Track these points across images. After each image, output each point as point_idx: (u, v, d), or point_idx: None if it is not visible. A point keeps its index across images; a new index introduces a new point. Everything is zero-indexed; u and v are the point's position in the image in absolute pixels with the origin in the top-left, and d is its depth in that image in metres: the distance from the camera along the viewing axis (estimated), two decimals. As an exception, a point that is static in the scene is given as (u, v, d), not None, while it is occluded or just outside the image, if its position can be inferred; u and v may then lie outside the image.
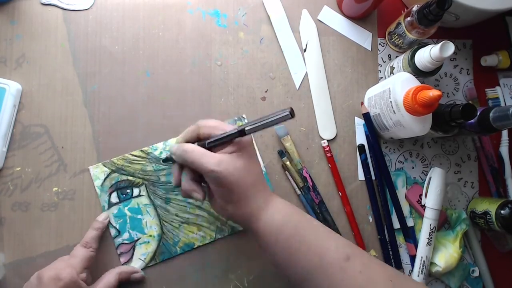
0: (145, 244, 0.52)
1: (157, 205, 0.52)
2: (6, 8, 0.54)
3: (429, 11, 0.47)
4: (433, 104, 0.46)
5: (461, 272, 0.56)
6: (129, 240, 0.52)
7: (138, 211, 0.52)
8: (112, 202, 0.52)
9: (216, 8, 0.57)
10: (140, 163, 0.53)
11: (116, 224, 0.52)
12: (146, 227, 0.52)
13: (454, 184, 0.58)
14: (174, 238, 0.52)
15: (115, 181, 0.52)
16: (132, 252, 0.51)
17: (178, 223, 0.52)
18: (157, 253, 0.52)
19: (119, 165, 0.52)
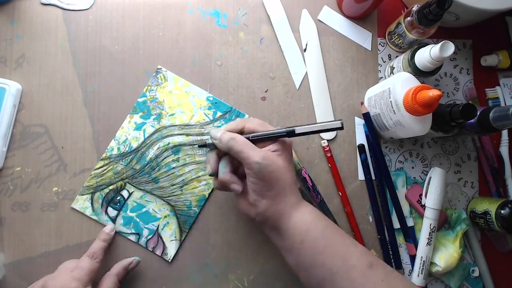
0: (167, 226, 0.53)
1: (150, 190, 0.53)
2: (6, 8, 0.54)
3: (429, 11, 0.47)
4: (433, 104, 0.46)
5: (461, 272, 0.56)
6: (151, 234, 0.52)
7: (140, 206, 0.53)
8: (113, 216, 0.52)
9: (216, 8, 0.57)
10: (109, 169, 0.53)
11: (130, 230, 0.52)
12: (156, 213, 0.53)
13: (454, 184, 0.58)
14: (185, 203, 0.53)
15: (101, 199, 0.52)
16: (161, 240, 0.52)
17: (179, 190, 0.53)
18: (182, 225, 0.53)
19: (93, 185, 0.53)
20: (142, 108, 0.54)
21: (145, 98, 0.54)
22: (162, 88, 0.54)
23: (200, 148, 0.53)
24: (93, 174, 0.53)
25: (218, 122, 0.54)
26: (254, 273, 0.54)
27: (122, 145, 0.53)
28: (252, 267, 0.54)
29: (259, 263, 0.54)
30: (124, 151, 0.53)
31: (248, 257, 0.54)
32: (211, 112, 0.54)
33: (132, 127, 0.54)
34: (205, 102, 0.54)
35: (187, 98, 0.54)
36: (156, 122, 0.54)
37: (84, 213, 0.52)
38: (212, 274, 0.54)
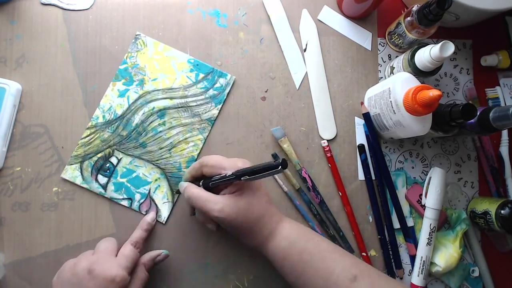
0: (158, 189, 0.53)
1: (139, 155, 0.54)
2: (6, 8, 0.54)
3: (429, 11, 0.47)
4: (433, 104, 0.46)
5: (461, 272, 0.56)
6: (143, 197, 0.53)
7: (130, 171, 0.53)
8: (103, 183, 0.53)
9: (216, 8, 0.57)
10: (95, 137, 0.53)
11: (122, 195, 0.53)
12: (147, 177, 0.53)
13: (454, 184, 0.58)
14: (175, 165, 0.54)
15: (91, 167, 0.53)
16: (154, 203, 0.53)
17: (167, 153, 0.54)
18: (173, 187, 0.54)
19: (81, 154, 0.53)
20: (124, 75, 0.54)
21: (126, 65, 0.54)
22: (142, 54, 0.55)
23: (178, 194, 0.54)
24: (80, 143, 0.53)
25: (201, 84, 0.55)
26: (254, 273, 0.54)
27: (107, 113, 0.54)
28: (252, 267, 0.54)
29: (259, 263, 0.54)
30: (110, 118, 0.54)
31: (248, 257, 0.54)
32: (193, 74, 0.55)
33: (116, 94, 0.54)
34: (187, 64, 0.55)
35: (168, 62, 0.55)
36: (139, 88, 0.54)
37: (75, 182, 0.52)
38: (212, 274, 0.54)
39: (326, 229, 0.55)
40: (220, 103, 0.55)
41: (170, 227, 0.54)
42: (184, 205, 0.54)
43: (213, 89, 0.55)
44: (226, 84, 0.55)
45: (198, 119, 0.55)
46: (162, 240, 0.53)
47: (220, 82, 0.55)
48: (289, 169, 0.55)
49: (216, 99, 0.55)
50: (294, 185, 0.55)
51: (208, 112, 0.55)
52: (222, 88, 0.55)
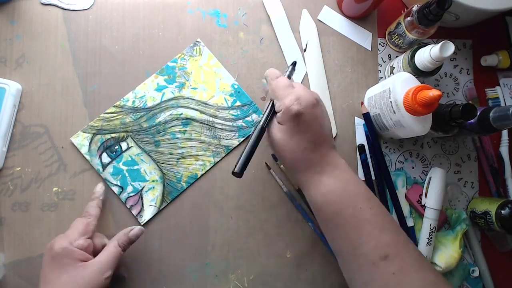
0: (151, 190, 0.53)
1: (148, 151, 0.53)
2: (6, 8, 0.54)
3: (429, 11, 0.47)
4: (433, 104, 0.46)
5: (461, 272, 0.56)
6: (134, 192, 0.53)
7: (133, 162, 0.53)
8: (105, 162, 0.53)
9: (216, 8, 0.57)
10: (117, 118, 0.53)
11: (116, 181, 0.53)
12: (146, 174, 0.53)
13: (454, 184, 0.58)
14: (176, 175, 0.53)
15: (101, 143, 0.53)
16: (141, 201, 0.53)
17: (175, 160, 0.54)
18: (165, 194, 0.53)
19: (98, 126, 0.53)
20: (169, 72, 0.55)
21: (175, 64, 0.55)
22: (194, 60, 0.55)
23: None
24: (101, 117, 0.53)
25: (234, 111, 0.55)
26: (254, 273, 0.54)
27: (138, 100, 0.54)
28: (252, 267, 0.54)
29: (259, 263, 0.54)
30: (138, 106, 0.54)
31: (248, 257, 0.54)
32: (231, 99, 0.55)
33: (153, 86, 0.54)
34: (229, 87, 0.55)
35: (214, 78, 0.55)
36: (177, 90, 0.54)
37: (80, 150, 0.52)
38: (212, 274, 0.54)
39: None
40: (243, 137, 0.55)
41: (170, 226, 0.54)
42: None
43: (243, 121, 0.55)
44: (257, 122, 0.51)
45: (216, 142, 0.54)
46: (162, 240, 0.53)
47: (252, 117, 0.55)
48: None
49: (242, 131, 0.55)
50: (294, 185, 0.55)
51: (229, 140, 0.55)
52: (251, 123, 0.55)
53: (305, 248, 0.55)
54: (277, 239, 0.55)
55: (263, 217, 0.55)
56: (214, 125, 0.54)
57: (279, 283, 0.54)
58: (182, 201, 0.54)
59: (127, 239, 0.48)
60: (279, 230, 0.55)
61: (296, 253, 0.55)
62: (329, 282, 0.55)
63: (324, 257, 0.55)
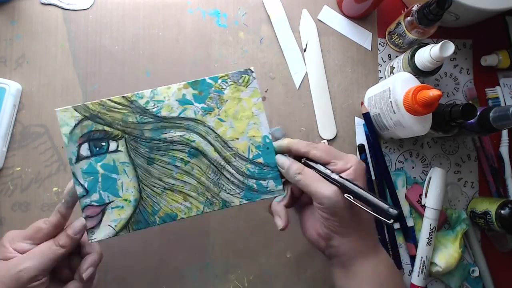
0: (118, 209, 0.43)
1: (137, 165, 0.44)
2: (6, 8, 0.54)
3: (429, 10, 0.47)
4: (433, 104, 0.46)
5: (461, 272, 0.56)
6: (98, 203, 0.43)
7: (114, 169, 0.44)
8: (82, 155, 0.43)
9: (216, 8, 0.57)
10: (121, 112, 0.44)
11: (84, 181, 0.43)
12: (121, 189, 0.44)
13: (454, 184, 0.58)
14: (154, 206, 0.44)
15: (88, 130, 0.43)
16: (101, 217, 0.43)
17: (160, 189, 0.44)
18: (132, 221, 0.43)
19: (94, 111, 0.44)
20: (202, 89, 0.45)
21: (213, 82, 0.45)
22: (236, 89, 0.46)
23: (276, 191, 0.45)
24: (103, 102, 0.44)
25: (252, 166, 0.45)
26: (254, 273, 0.54)
27: (154, 102, 0.45)
28: (252, 267, 0.54)
29: (259, 263, 0.54)
30: (150, 109, 0.44)
31: (248, 257, 0.54)
32: (255, 152, 0.45)
33: (178, 96, 0.45)
34: (260, 138, 0.45)
35: (248, 119, 0.45)
36: (201, 112, 0.45)
37: (61, 127, 0.43)
38: (212, 274, 0.54)
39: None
40: (247, 200, 0.45)
41: (170, 226, 0.54)
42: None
43: (256, 182, 0.45)
44: (270, 191, 0.44)
45: (215, 191, 0.44)
46: (162, 239, 0.53)
47: (268, 183, 0.45)
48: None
49: (249, 193, 0.45)
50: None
51: (230, 196, 0.45)
52: (264, 190, 0.45)
53: (305, 248, 0.55)
54: (277, 239, 0.55)
55: (263, 217, 0.55)
56: (223, 172, 0.45)
57: (279, 283, 0.54)
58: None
59: (66, 236, 0.40)
60: (279, 231, 0.55)
61: (296, 253, 0.55)
62: (329, 282, 0.55)
63: (324, 257, 0.55)
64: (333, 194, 0.38)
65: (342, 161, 0.40)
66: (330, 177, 0.39)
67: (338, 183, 0.38)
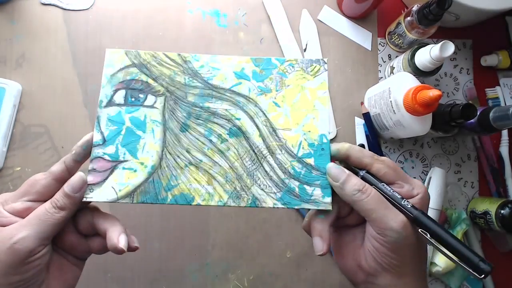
0: (129, 172, 0.37)
1: (168, 128, 0.39)
2: (6, 8, 0.54)
3: (429, 11, 0.47)
4: (433, 104, 0.46)
5: (461, 272, 0.56)
6: (111, 157, 0.37)
7: (142, 125, 0.39)
8: (115, 101, 0.39)
9: (216, 8, 0.57)
10: (171, 69, 0.40)
11: (106, 129, 0.38)
12: (141, 150, 0.38)
13: (454, 184, 0.58)
14: (170, 180, 0.38)
15: (131, 78, 0.39)
16: (108, 174, 0.37)
17: (185, 162, 0.38)
18: (139, 191, 0.37)
19: (144, 60, 0.40)
20: (265, 67, 0.40)
21: (278, 63, 0.40)
22: (302, 76, 0.40)
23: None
24: (156, 55, 0.40)
25: (299, 166, 0.38)
26: (254, 273, 0.54)
27: (209, 67, 0.40)
28: (252, 267, 0.54)
29: (259, 263, 0.54)
30: (203, 74, 0.40)
31: (248, 257, 0.54)
32: (307, 151, 0.38)
33: (236, 68, 0.40)
34: (317, 136, 0.39)
35: (308, 112, 0.39)
36: (256, 91, 0.40)
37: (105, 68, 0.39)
38: (212, 274, 0.54)
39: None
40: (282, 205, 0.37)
41: (170, 226, 0.54)
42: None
43: (299, 186, 0.37)
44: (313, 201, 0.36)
45: (248, 182, 0.38)
46: (162, 239, 0.53)
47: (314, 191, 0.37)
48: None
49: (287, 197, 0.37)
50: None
51: (263, 193, 0.37)
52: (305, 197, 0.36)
53: (305, 248, 0.55)
54: (277, 239, 0.55)
55: (263, 217, 0.55)
56: (263, 162, 0.38)
57: (279, 283, 0.54)
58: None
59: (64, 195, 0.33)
60: (279, 230, 0.55)
61: (296, 253, 0.55)
62: (329, 282, 0.55)
63: (324, 257, 0.55)
64: (403, 228, 0.31)
65: (408, 185, 0.33)
66: (400, 204, 0.32)
67: (411, 214, 0.31)
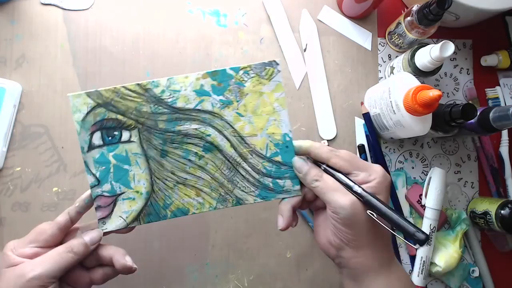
0: (129, 201, 0.43)
1: (150, 157, 0.43)
2: (6, 8, 0.54)
3: (429, 11, 0.47)
4: (433, 104, 0.46)
5: (461, 272, 0.56)
6: (110, 193, 0.42)
7: (126, 160, 0.43)
8: (94, 143, 0.42)
9: (216, 8, 0.57)
10: (135, 100, 0.42)
11: (96, 171, 0.42)
12: (133, 180, 0.43)
13: (454, 184, 0.58)
14: (165, 200, 0.43)
15: (101, 118, 0.42)
16: (112, 207, 0.42)
17: (173, 183, 0.43)
18: (143, 214, 0.43)
19: (107, 98, 0.42)
20: (222, 79, 0.43)
21: (234, 73, 0.42)
22: (257, 82, 0.43)
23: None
24: (117, 89, 0.42)
25: (269, 165, 0.43)
26: (254, 273, 0.54)
27: (170, 91, 0.42)
28: (252, 267, 0.54)
29: (259, 263, 0.54)
30: (166, 99, 0.42)
31: (248, 257, 0.54)
32: (273, 150, 0.43)
33: (195, 86, 0.42)
34: (280, 136, 0.43)
35: (269, 115, 0.43)
36: (219, 105, 0.43)
37: (73, 114, 0.41)
38: (212, 274, 0.54)
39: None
40: (262, 199, 0.43)
41: (170, 226, 0.54)
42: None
43: (272, 181, 0.43)
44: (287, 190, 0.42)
45: (229, 187, 0.43)
46: (162, 239, 0.53)
47: (285, 183, 0.42)
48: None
49: (264, 192, 0.43)
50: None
51: (244, 193, 0.43)
52: (280, 189, 0.42)
53: (305, 248, 0.55)
54: (277, 239, 0.55)
55: (263, 217, 0.55)
56: (238, 168, 0.43)
57: (279, 283, 0.54)
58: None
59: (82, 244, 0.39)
60: (279, 230, 0.55)
61: (296, 253, 0.55)
62: (329, 282, 0.55)
63: (324, 257, 0.55)
64: (350, 205, 0.35)
65: (364, 173, 0.37)
66: (352, 189, 0.37)
67: (360, 197, 0.36)
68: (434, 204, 0.54)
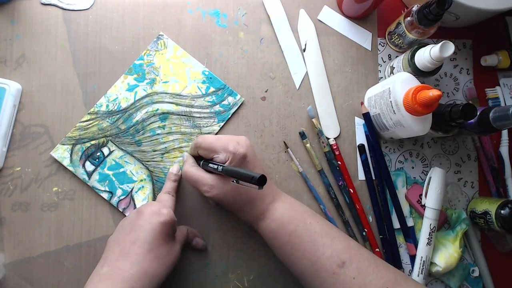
0: (141, 190, 0.53)
1: (131, 152, 0.53)
2: (6, 8, 0.54)
3: (429, 11, 0.47)
4: (433, 104, 0.46)
5: (461, 272, 0.56)
6: (125, 194, 0.53)
7: (118, 165, 0.53)
8: (90, 171, 0.52)
9: (216, 8, 0.57)
10: (94, 124, 0.53)
11: (104, 187, 0.52)
12: (133, 175, 0.53)
13: (454, 184, 0.58)
14: (163, 171, 0.54)
15: (81, 152, 0.52)
16: (133, 202, 0.53)
17: (159, 156, 0.54)
18: (156, 191, 0.53)
19: (75, 136, 0.53)
20: (138, 71, 0.54)
21: (142, 61, 0.55)
22: (160, 54, 0.55)
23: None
24: (78, 127, 0.53)
25: (209, 97, 0.55)
26: (254, 273, 0.54)
27: (112, 103, 0.54)
28: (252, 267, 0.54)
29: (259, 263, 0.54)
30: (113, 109, 0.53)
31: (248, 257, 0.54)
32: (204, 86, 0.55)
33: (125, 87, 0.54)
34: (201, 75, 0.55)
35: (183, 68, 0.55)
36: (148, 87, 0.54)
37: (62, 163, 0.52)
38: (212, 274, 0.54)
39: (341, 214, 0.56)
40: (223, 121, 0.55)
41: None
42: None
43: (220, 105, 0.55)
44: (233, 103, 0.55)
45: (197, 131, 0.54)
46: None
47: (228, 100, 0.55)
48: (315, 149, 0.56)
49: (220, 116, 0.55)
50: (316, 165, 0.55)
51: (209, 127, 0.55)
52: (228, 106, 0.55)
53: (305, 248, 0.55)
54: (277, 239, 0.55)
55: (263, 217, 0.55)
56: (192, 115, 0.54)
57: (279, 283, 0.54)
58: (182, 201, 0.54)
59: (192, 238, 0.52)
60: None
61: (296, 253, 0.55)
62: (329, 282, 0.55)
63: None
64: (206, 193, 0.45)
65: (222, 154, 0.45)
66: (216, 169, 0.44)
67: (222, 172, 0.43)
68: (434, 204, 0.54)
